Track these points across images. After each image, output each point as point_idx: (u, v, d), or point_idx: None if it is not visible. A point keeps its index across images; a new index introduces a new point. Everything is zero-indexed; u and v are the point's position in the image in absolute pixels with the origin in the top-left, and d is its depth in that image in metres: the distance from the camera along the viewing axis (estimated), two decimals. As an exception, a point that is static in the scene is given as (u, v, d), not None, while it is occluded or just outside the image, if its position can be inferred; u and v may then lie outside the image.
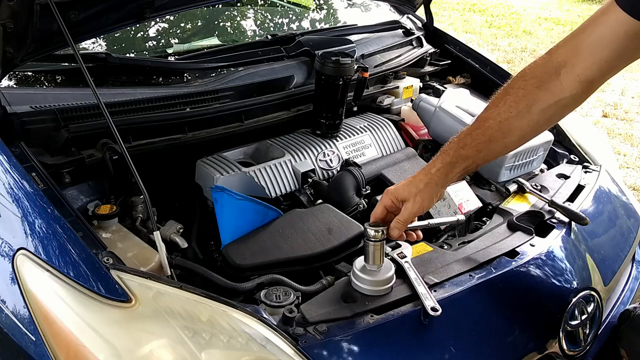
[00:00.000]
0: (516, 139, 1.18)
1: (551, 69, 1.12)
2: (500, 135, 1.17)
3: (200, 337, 0.98)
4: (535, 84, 1.14)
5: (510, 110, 1.15)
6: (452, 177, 1.20)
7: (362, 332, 1.07)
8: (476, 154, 1.18)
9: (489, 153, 1.19)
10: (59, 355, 0.99)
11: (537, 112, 1.14)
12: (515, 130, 1.16)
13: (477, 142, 1.17)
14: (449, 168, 1.19)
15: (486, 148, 1.18)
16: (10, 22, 1.20)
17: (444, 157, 1.20)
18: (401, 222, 1.20)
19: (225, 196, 1.36)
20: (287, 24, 2.52)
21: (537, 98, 1.13)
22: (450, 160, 1.19)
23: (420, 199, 1.18)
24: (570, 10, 9.45)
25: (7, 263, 1.10)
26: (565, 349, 1.26)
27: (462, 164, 1.19)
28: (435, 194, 1.20)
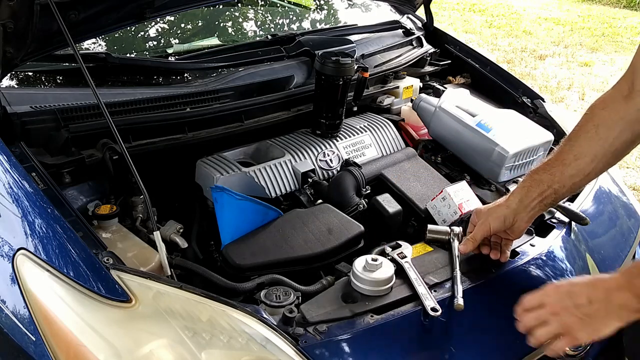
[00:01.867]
0: (589, 161, 1.20)
1: (617, 95, 1.20)
2: (572, 158, 1.20)
3: (200, 337, 0.98)
4: (601, 107, 1.21)
5: (578, 134, 1.22)
6: (528, 202, 1.22)
7: (362, 332, 1.07)
8: (550, 178, 1.21)
9: (565, 177, 1.21)
10: (59, 355, 0.99)
11: (604, 130, 1.19)
12: (587, 151, 1.20)
13: (551, 166, 1.22)
14: (524, 192, 1.23)
15: (560, 171, 1.21)
16: (10, 22, 1.20)
17: (522, 182, 1.26)
18: (470, 239, 1.27)
19: (225, 196, 1.36)
20: (287, 24, 2.52)
21: (603, 118, 1.19)
22: (525, 185, 1.24)
23: (487, 220, 1.25)
24: (570, 10, 9.46)
25: (7, 263, 1.10)
26: (565, 349, 1.26)
27: (536, 188, 1.22)
28: (507, 216, 1.23)
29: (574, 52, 6.80)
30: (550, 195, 1.22)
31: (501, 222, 1.24)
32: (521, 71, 5.90)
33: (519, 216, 1.23)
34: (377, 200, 1.51)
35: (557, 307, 1.00)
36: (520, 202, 1.23)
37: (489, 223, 1.25)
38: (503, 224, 1.24)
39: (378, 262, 1.16)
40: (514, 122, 1.76)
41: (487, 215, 1.26)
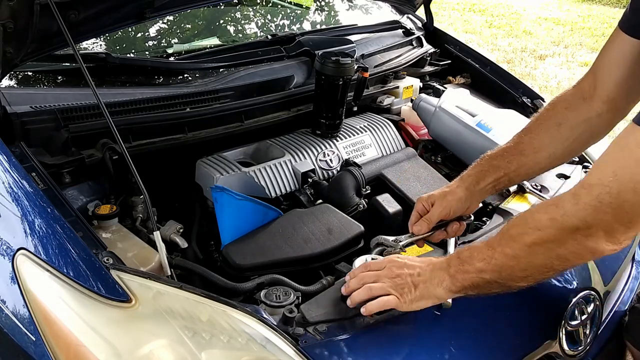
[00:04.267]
0: (547, 155, 1.25)
1: (578, 95, 1.24)
2: (531, 150, 1.25)
3: (200, 337, 0.98)
4: (564, 106, 1.25)
5: (540, 128, 1.26)
6: (484, 186, 1.27)
7: (362, 332, 1.07)
8: (507, 165, 1.26)
9: (521, 167, 1.26)
10: (59, 355, 0.99)
11: (566, 129, 1.23)
12: (546, 146, 1.24)
13: (510, 154, 1.26)
14: (480, 176, 1.27)
15: (517, 160, 1.26)
16: (10, 22, 1.20)
17: (476, 166, 1.30)
18: (427, 220, 1.27)
19: (225, 196, 1.36)
20: (288, 24, 2.52)
21: (566, 117, 1.24)
22: (482, 169, 1.28)
23: (447, 201, 1.26)
24: (570, 10, 9.46)
25: (7, 263, 1.10)
26: (565, 349, 1.26)
27: (493, 174, 1.27)
28: (465, 198, 1.27)
29: (574, 52, 6.80)
30: (503, 182, 1.28)
31: (461, 203, 1.27)
32: (521, 71, 5.90)
33: (473, 198, 1.29)
34: (377, 200, 1.51)
35: (394, 273, 1.09)
36: (476, 184, 1.28)
37: (448, 207, 1.27)
38: (463, 205, 1.28)
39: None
40: (514, 122, 1.76)
41: (444, 198, 1.27)
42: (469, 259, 1.04)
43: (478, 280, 1.03)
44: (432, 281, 1.06)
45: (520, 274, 1.00)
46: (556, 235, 0.95)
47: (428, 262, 1.10)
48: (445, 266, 1.07)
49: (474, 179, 1.28)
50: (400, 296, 1.06)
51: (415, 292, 1.06)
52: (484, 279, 1.02)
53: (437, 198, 1.28)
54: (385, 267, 1.11)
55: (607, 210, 0.90)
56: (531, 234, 0.97)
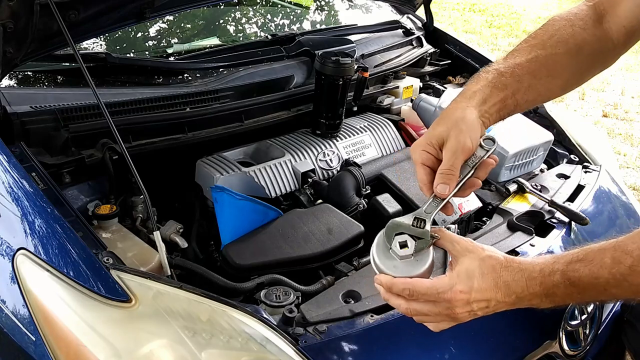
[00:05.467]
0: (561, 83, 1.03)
1: (596, 17, 1.04)
2: (545, 73, 1.00)
3: (200, 337, 0.98)
4: (582, 27, 1.03)
5: (558, 47, 1.01)
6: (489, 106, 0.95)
7: (362, 332, 1.07)
8: (517, 85, 0.97)
9: (530, 89, 0.99)
10: (59, 355, 0.99)
11: (584, 55, 1.02)
12: (563, 71, 1.02)
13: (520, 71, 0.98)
14: (489, 90, 0.96)
15: (527, 81, 0.98)
16: (10, 22, 1.20)
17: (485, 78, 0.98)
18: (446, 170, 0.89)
19: (225, 196, 1.36)
20: (288, 24, 2.52)
21: (585, 41, 1.02)
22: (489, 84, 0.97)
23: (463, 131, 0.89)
24: (570, 10, 9.45)
25: (7, 263, 1.10)
26: (565, 349, 1.26)
27: (501, 92, 0.96)
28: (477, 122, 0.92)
29: (574, 52, 6.79)
30: (509, 106, 0.98)
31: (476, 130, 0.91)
32: (521, 71, 5.89)
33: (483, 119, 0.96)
34: (377, 200, 1.51)
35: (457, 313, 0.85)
36: (484, 102, 0.95)
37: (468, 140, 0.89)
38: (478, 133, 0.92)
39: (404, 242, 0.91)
40: (514, 122, 1.75)
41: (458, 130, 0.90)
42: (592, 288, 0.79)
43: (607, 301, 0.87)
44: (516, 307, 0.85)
45: None
46: None
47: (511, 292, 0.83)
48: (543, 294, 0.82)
49: (482, 94, 0.96)
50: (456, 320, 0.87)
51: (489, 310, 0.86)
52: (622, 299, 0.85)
53: (446, 134, 0.90)
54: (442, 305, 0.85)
55: None
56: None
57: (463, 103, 0.95)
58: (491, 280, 0.83)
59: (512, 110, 0.99)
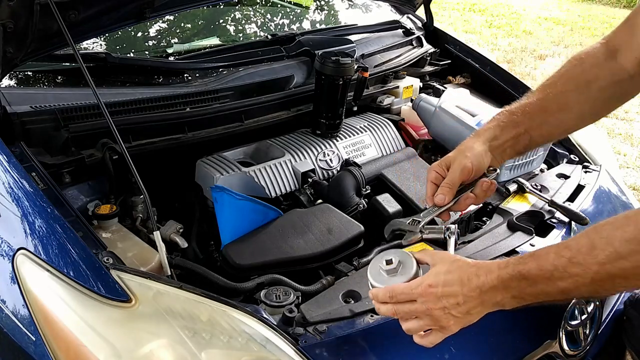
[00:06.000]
0: (573, 116, 1.10)
1: (608, 52, 1.10)
2: (556, 107, 1.10)
3: (200, 337, 0.98)
4: (594, 63, 1.11)
5: (566, 84, 1.10)
6: (503, 142, 1.09)
7: (362, 332, 1.07)
8: (529, 122, 1.09)
9: (543, 124, 1.10)
10: (59, 355, 0.99)
11: (596, 90, 1.09)
12: (574, 105, 1.09)
13: (532, 109, 1.10)
14: (498, 130, 1.10)
15: (540, 117, 1.09)
16: (10, 22, 1.20)
17: (493, 120, 1.12)
18: (445, 183, 1.06)
19: (225, 196, 1.36)
20: (288, 24, 2.52)
21: (597, 76, 1.09)
22: (500, 123, 1.11)
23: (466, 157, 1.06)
24: (570, 10, 9.45)
25: (7, 263, 1.10)
26: (565, 349, 1.26)
27: (512, 129, 1.09)
28: (485, 153, 1.07)
29: (574, 52, 6.75)
30: (523, 142, 1.11)
31: (482, 160, 1.07)
32: (521, 71, 5.90)
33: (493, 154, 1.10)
34: (377, 200, 1.51)
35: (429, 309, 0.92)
36: (495, 139, 1.09)
37: (470, 163, 1.06)
38: (483, 163, 1.08)
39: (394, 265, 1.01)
40: (514, 122, 1.76)
41: (462, 155, 1.07)
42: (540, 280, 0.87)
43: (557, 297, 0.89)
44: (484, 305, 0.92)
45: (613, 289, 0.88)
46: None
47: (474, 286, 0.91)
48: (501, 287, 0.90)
49: (492, 132, 1.10)
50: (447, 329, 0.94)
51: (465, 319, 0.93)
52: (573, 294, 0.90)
53: (453, 158, 1.08)
54: (418, 301, 0.93)
55: None
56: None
57: (474, 138, 1.11)
58: (457, 276, 0.92)
59: (528, 145, 1.12)
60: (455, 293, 0.91)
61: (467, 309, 0.92)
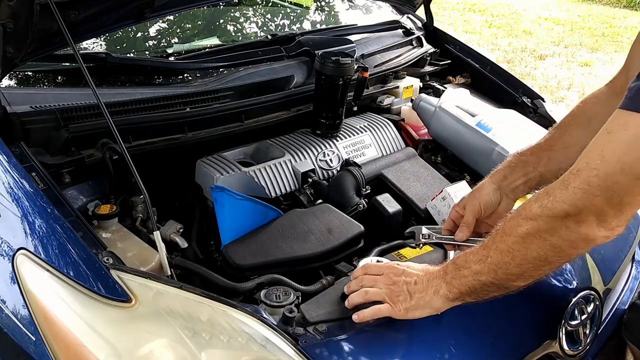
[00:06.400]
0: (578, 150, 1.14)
1: (610, 91, 1.22)
2: (561, 145, 1.23)
3: (200, 337, 0.98)
4: (594, 102, 1.23)
5: (569, 124, 1.24)
6: (512, 180, 1.24)
7: (362, 332, 1.07)
8: (536, 161, 1.23)
9: (550, 162, 1.23)
10: (59, 355, 0.99)
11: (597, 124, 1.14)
12: (577, 141, 1.19)
13: (539, 150, 1.24)
14: (508, 171, 1.24)
15: (547, 155, 1.23)
16: (10, 22, 1.20)
17: (505, 162, 1.27)
18: (464, 223, 1.24)
19: (225, 196, 1.36)
20: (288, 24, 2.52)
21: (597, 112, 1.20)
22: (510, 164, 1.25)
23: (476, 197, 1.24)
24: (570, 10, 9.46)
25: (7, 263, 1.10)
26: (565, 349, 1.26)
27: (521, 169, 1.24)
28: (494, 193, 1.24)
29: (574, 52, 6.80)
30: (535, 178, 1.24)
31: (490, 199, 1.24)
32: (521, 71, 5.90)
33: (503, 193, 1.25)
34: (377, 200, 1.51)
35: (390, 279, 1.08)
36: (504, 179, 1.25)
37: (478, 203, 1.24)
38: (491, 200, 1.24)
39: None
40: (514, 122, 1.76)
41: (473, 197, 1.25)
42: (464, 263, 1.03)
43: (475, 284, 1.01)
44: (428, 290, 1.05)
45: (516, 270, 0.98)
46: (547, 223, 0.93)
47: (426, 271, 1.08)
48: (441, 274, 1.05)
49: (502, 173, 1.26)
50: (394, 304, 1.06)
51: (411, 301, 1.05)
52: (480, 281, 1.01)
53: (467, 199, 1.27)
54: (384, 273, 1.10)
55: (597, 193, 0.88)
56: (524, 224, 0.96)
57: (488, 179, 1.27)
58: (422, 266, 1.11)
59: (539, 182, 1.24)
60: (413, 274, 1.08)
61: (417, 290, 1.05)
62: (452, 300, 1.04)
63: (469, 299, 1.04)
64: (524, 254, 0.97)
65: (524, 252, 0.97)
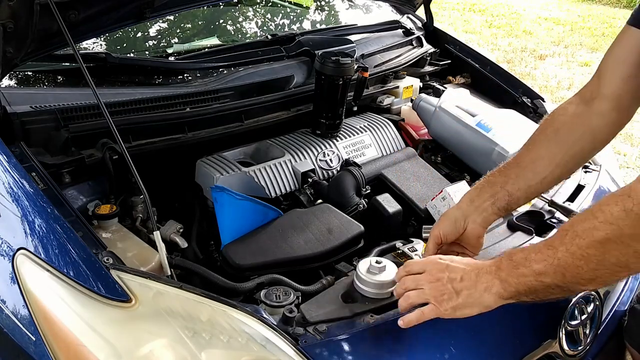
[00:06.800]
0: (546, 163, 1.17)
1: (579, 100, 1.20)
2: (529, 160, 1.19)
3: (200, 337, 0.98)
4: (561, 113, 1.21)
5: (537, 138, 1.20)
6: (480, 203, 1.19)
7: (362, 332, 1.07)
8: (504, 180, 1.19)
9: (518, 179, 1.18)
10: (59, 355, 0.99)
11: (564, 134, 1.17)
12: (544, 155, 1.18)
13: (507, 168, 1.20)
14: (475, 193, 1.20)
15: (514, 172, 1.19)
16: (10, 22, 1.20)
17: (476, 183, 1.23)
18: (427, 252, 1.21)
19: (225, 196, 1.36)
20: (288, 24, 2.52)
21: (563, 123, 1.19)
22: (477, 187, 1.21)
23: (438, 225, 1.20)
24: (570, 10, 9.45)
25: (7, 263, 1.10)
26: (565, 348, 1.26)
27: (488, 189, 1.19)
28: (457, 218, 1.19)
29: (574, 52, 6.80)
30: (502, 198, 1.18)
31: (451, 223, 1.18)
32: (521, 71, 5.90)
33: (470, 218, 1.18)
34: (377, 200, 1.51)
35: (433, 277, 1.02)
36: (470, 202, 1.19)
37: (438, 231, 1.19)
38: (454, 226, 1.18)
39: (382, 265, 1.15)
40: (514, 122, 1.76)
41: (436, 224, 1.21)
42: (524, 261, 0.95)
43: (536, 285, 0.93)
44: (477, 287, 0.98)
45: (589, 275, 0.90)
46: (633, 228, 0.84)
47: (473, 266, 1.01)
48: (494, 269, 0.98)
49: (468, 197, 1.21)
50: (439, 304, 1.00)
51: (458, 299, 0.98)
52: (544, 282, 0.93)
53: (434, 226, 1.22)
54: (426, 271, 1.04)
55: None
56: (602, 228, 0.86)
57: (456, 204, 1.23)
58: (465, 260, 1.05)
59: (509, 201, 1.19)
60: (459, 269, 1.01)
61: (465, 286, 0.99)
62: (506, 299, 0.98)
63: (525, 299, 0.97)
64: (600, 259, 0.88)
65: (601, 258, 0.88)
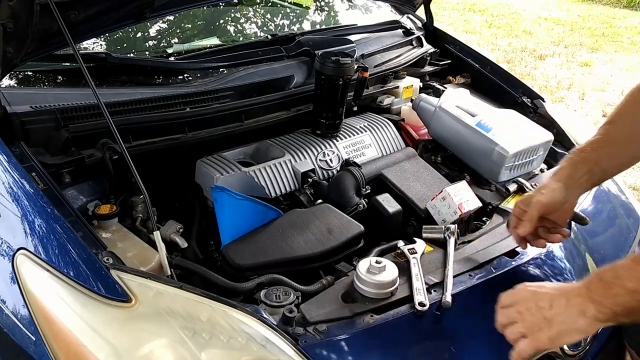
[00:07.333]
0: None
1: None
2: (623, 140, 1.18)
3: (200, 337, 0.98)
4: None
5: (627, 116, 1.19)
6: (578, 177, 1.18)
7: (362, 332, 1.07)
8: (598, 157, 1.18)
9: (612, 157, 1.19)
10: (59, 355, 0.99)
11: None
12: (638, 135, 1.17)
13: (600, 145, 1.19)
14: (572, 168, 1.19)
15: (608, 152, 1.18)
16: (10, 22, 1.20)
17: (568, 159, 1.22)
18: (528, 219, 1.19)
19: (225, 196, 1.36)
20: (288, 24, 2.52)
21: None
22: (571, 162, 1.20)
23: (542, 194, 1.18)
24: (570, 10, 9.45)
25: (7, 263, 1.10)
26: (565, 348, 1.26)
27: (584, 165, 1.18)
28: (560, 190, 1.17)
29: (574, 52, 6.79)
30: (598, 173, 1.20)
31: (556, 195, 1.17)
32: (521, 71, 5.90)
33: (569, 191, 1.19)
34: (377, 200, 1.51)
35: (522, 307, 0.98)
36: (569, 177, 1.19)
37: (545, 199, 1.17)
38: (558, 197, 1.17)
39: (382, 265, 1.15)
40: (514, 122, 1.76)
41: (539, 193, 1.19)
42: (615, 280, 0.90)
43: (634, 304, 0.89)
44: (568, 312, 0.93)
45: None
46: None
47: (562, 290, 0.97)
48: (584, 291, 0.93)
49: (567, 171, 1.20)
50: (534, 336, 0.96)
51: (552, 328, 0.94)
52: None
53: (531, 196, 1.21)
54: (516, 301, 1.00)
55: None
56: None
57: (552, 177, 1.22)
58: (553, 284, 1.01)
59: (602, 177, 1.22)
60: (547, 295, 0.97)
61: (556, 314, 0.94)
62: (603, 322, 0.92)
63: (625, 320, 0.92)
64: None
65: None
